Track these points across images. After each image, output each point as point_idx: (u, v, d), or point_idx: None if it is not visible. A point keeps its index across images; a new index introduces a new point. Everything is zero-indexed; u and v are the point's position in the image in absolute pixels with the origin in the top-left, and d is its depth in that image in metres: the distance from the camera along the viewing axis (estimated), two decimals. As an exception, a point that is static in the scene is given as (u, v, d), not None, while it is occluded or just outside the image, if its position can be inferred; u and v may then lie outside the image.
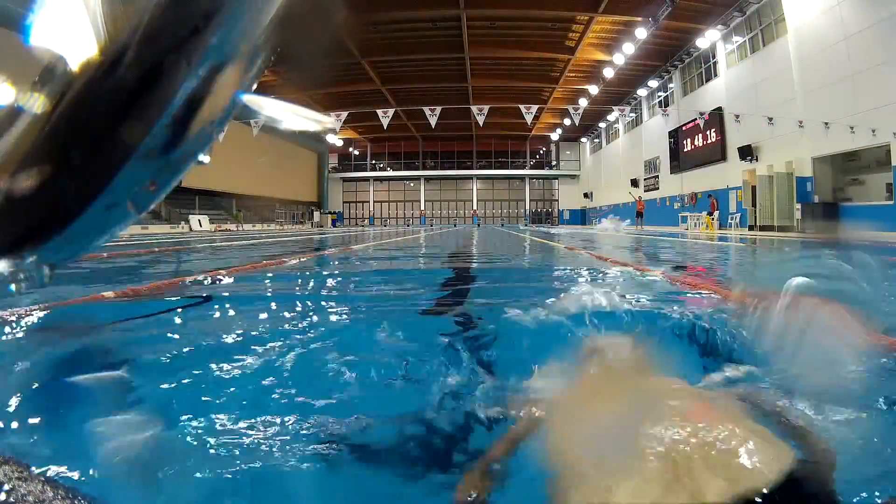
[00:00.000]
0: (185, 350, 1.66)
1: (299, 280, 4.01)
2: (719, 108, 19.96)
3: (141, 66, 0.60)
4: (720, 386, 1.23)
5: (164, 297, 2.92)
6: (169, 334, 1.91)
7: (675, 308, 2.07)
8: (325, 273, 4.86)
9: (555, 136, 39.11)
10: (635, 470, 0.71)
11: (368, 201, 44.02)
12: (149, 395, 1.29)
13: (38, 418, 1.14)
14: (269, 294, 3.25)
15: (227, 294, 3.05)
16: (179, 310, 2.48)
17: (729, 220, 18.96)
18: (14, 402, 1.20)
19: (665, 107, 25.34)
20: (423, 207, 43.66)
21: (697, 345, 1.66)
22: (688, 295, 2.81)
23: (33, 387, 1.32)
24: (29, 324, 1.96)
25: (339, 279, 4.25)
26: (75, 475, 0.90)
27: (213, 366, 1.46)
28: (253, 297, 2.97)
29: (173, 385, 1.34)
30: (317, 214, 37.53)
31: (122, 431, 0.96)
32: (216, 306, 2.56)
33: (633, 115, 29.21)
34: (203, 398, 1.27)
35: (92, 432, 0.96)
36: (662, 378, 1.07)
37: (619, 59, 21.77)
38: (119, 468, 0.90)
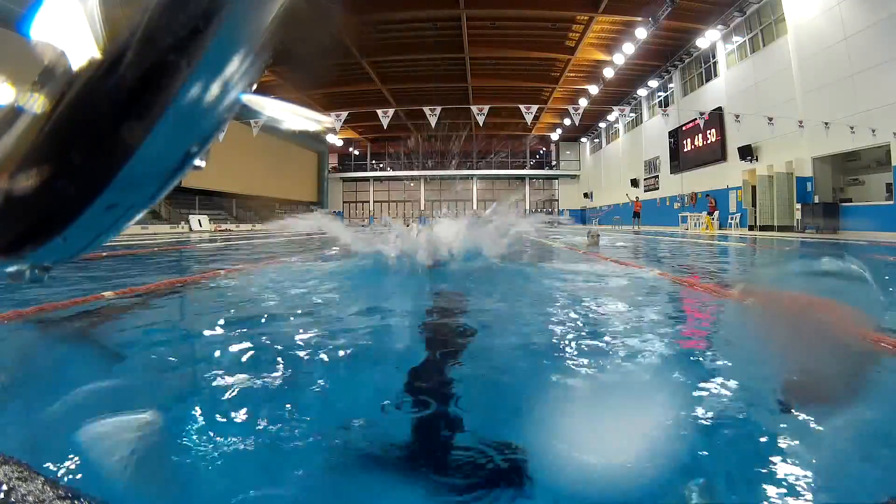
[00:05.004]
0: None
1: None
2: (719, 108, 19.95)
3: (141, 65, 0.60)
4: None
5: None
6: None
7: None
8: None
9: (555, 136, 39.10)
10: None
11: (368, 201, 44.03)
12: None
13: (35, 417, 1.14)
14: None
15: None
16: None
17: (729, 220, 18.96)
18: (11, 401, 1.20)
19: (665, 107, 25.33)
20: (423, 207, 43.66)
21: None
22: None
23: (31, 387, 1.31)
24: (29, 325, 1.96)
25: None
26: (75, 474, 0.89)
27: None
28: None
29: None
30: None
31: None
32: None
33: (633, 115, 29.20)
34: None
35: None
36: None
37: (619, 59, 21.76)
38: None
